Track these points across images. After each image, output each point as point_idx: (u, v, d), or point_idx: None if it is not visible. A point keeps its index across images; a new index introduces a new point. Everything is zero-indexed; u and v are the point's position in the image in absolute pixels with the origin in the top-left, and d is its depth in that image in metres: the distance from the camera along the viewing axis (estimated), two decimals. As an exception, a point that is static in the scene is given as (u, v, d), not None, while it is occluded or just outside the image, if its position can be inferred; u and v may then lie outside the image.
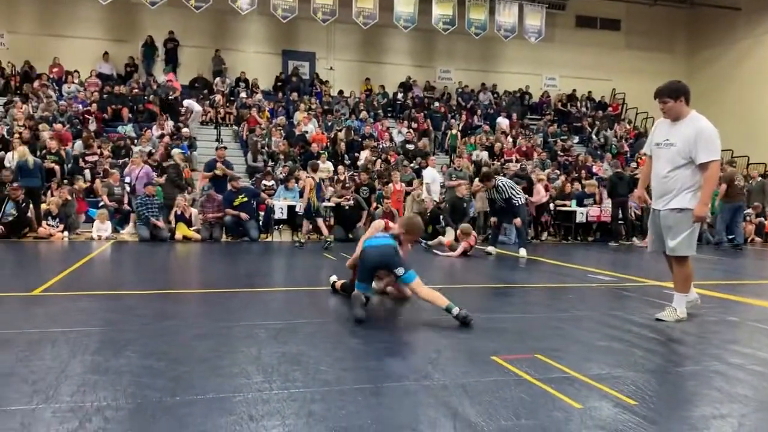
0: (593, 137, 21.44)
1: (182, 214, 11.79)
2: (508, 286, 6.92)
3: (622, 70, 24.30)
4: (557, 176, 15.87)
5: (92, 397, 2.86)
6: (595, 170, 17.67)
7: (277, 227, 12.82)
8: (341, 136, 17.63)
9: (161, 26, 20.44)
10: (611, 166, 14.97)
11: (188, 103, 18.04)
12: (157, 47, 20.69)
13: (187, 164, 13.94)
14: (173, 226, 11.63)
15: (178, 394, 2.93)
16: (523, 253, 9.91)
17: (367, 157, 16.46)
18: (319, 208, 10.96)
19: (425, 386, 3.13)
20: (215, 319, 4.65)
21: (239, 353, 3.68)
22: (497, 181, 10.09)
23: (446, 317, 4.61)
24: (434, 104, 21.40)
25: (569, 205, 13.85)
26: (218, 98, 19.38)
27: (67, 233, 11.18)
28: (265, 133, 17.06)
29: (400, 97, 22.12)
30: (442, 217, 12.28)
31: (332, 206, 12.74)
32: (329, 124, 18.78)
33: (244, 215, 11.64)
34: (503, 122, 20.77)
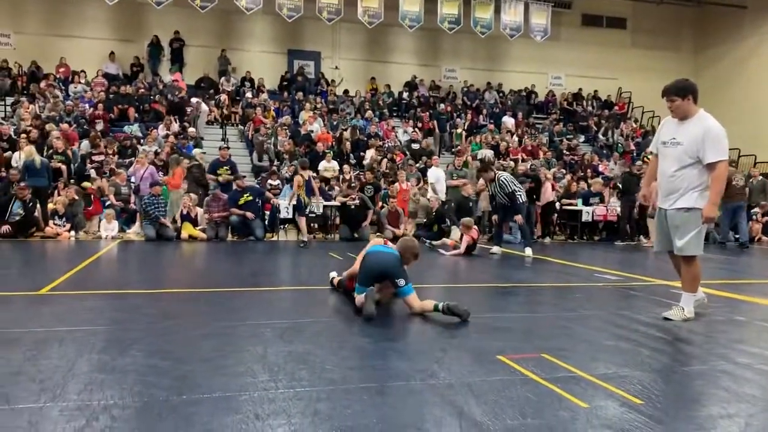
0: (600, 136, 21.36)
1: (188, 213, 11.82)
2: (514, 285, 6.90)
3: (628, 68, 24.21)
4: (563, 175, 15.84)
5: (99, 395, 2.87)
6: (601, 169, 17.62)
7: (282, 226, 12.84)
8: (346, 135, 17.63)
9: (167, 26, 20.49)
10: (620, 165, 14.93)
11: (196, 101, 18.10)
12: (162, 47, 20.74)
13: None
14: (179, 225, 11.66)
15: (184, 392, 2.94)
16: (528, 252, 9.89)
17: (372, 156, 16.45)
18: (308, 205, 11.04)
19: (431, 385, 3.12)
20: (221, 318, 4.66)
21: (245, 352, 3.68)
22: (498, 175, 10.06)
23: (451, 317, 4.61)
24: (440, 105, 21.36)
25: (575, 204, 13.81)
26: (223, 98, 19.42)
27: (73, 232, 11.23)
28: (270, 132, 17.08)
29: (405, 96, 22.11)
30: (447, 216, 12.26)
31: (338, 205, 12.75)
32: (334, 123, 18.78)
33: (249, 214, 11.67)
34: (509, 121, 20.74)
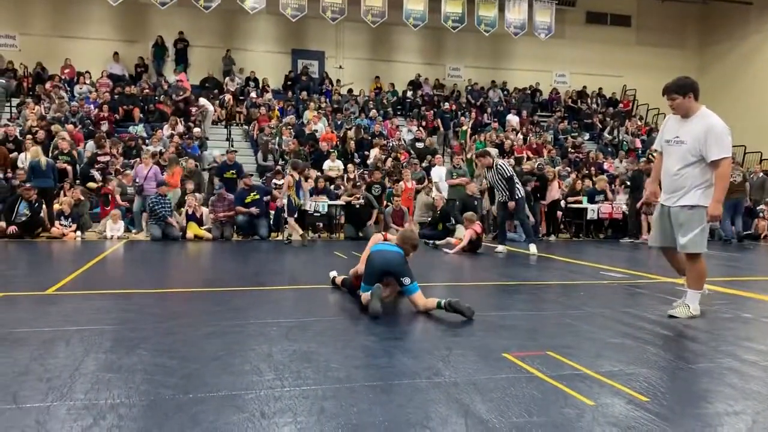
0: (607, 135, 21.26)
1: (193, 213, 11.85)
2: (519, 283, 6.89)
3: (632, 66, 24.15)
4: (568, 173, 15.81)
5: (106, 394, 2.88)
6: (606, 167, 17.58)
7: (287, 226, 12.82)
8: (351, 134, 17.64)
9: (171, 26, 20.56)
10: (628, 162, 14.88)
11: (203, 102, 18.17)
12: (167, 47, 20.81)
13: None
14: (184, 225, 11.69)
15: (190, 391, 2.94)
16: (533, 249, 9.87)
17: (376, 155, 16.46)
18: (299, 205, 11.20)
19: (436, 383, 3.12)
20: (226, 317, 4.67)
21: (251, 351, 3.69)
22: (496, 161, 10.05)
23: (455, 315, 4.61)
24: (444, 104, 21.34)
25: (580, 202, 13.79)
26: (227, 98, 19.45)
27: (79, 233, 11.27)
28: (275, 132, 17.10)
29: (409, 95, 22.10)
30: (452, 215, 12.25)
31: (343, 205, 12.76)
32: (339, 122, 18.79)
33: (254, 209, 11.75)
34: (513, 119, 20.71)
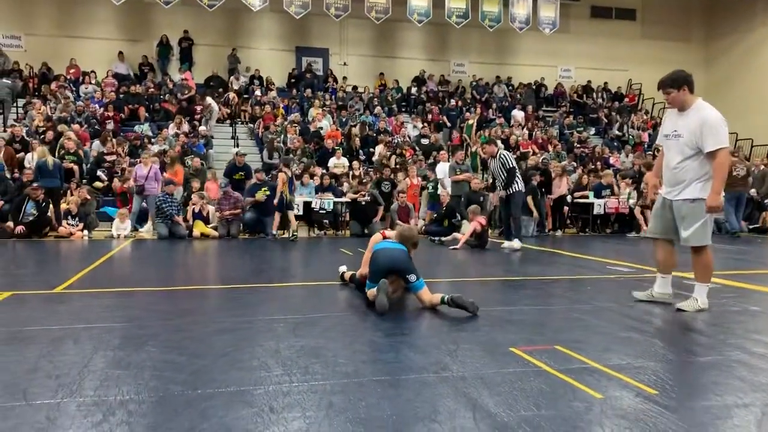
0: (616, 131, 21.11)
1: (200, 211, 11.89)
2: (526, 278, 6.89)
3: (638, 60, 24.03)
4: (574, 168, 15.76)
5: (115, 391, 2.89)
6: (612, 161, 17.52)
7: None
8: (356, 131, 17.63)
9: (175, 25, 20.59)
10: (636, 157, 14.85)
11: (209, 100, 18.20)
12: (171, 46, 20.83)
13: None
14: (191, 223, 11.72)
15: (199, 387, 2.96)
16: (516, 244, 9.67)
17: (381, 152, 16.45)
18: (291, 201, 11.38)
19: (444, 378, 3.13)
20: (234, 314, 4.69)
21: (259, 347, 3.70)
22: (500, 151, 9.98)
23: (461, 311, 4.61)
24: (449, 101, 21.29)
25: (587, 196, 13.75)
26: (232, 96, 19.48)
27: (86, 232, 11.32)
28: (279, 130, 17.12)
29: (414, 91, 22.07)
30: (458, 211, 12.24)
31: (348, 202, 12.77)
32: (343, 119, 18.79)
33: (260, 196, 11.77)
34: (518, 115, 20.66)
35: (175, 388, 2.95)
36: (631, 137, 20.36)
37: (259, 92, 19.84)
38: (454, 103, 21.01)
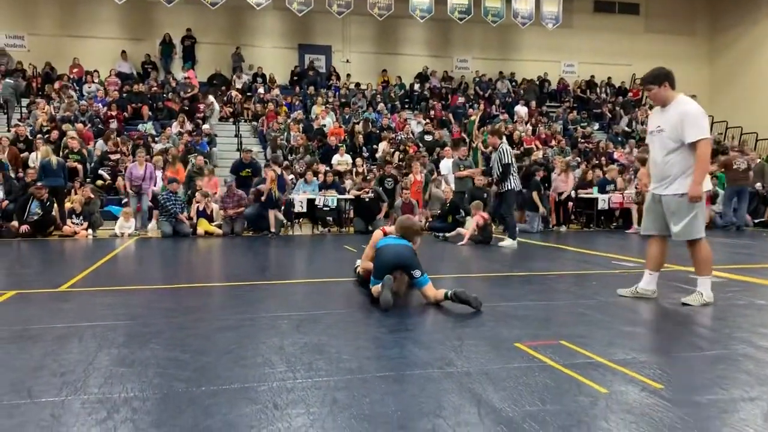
0: (625, 128, 21.00)
1: (204, 209, 11.89)
2: (530, 273, 6.87)
3: (641, 54, 23.86)
4: (577, 164, 15.71)
5: (119, 388, 2.90)
6: (616, 156, 17.46)
7: (297, 220, 12.89)
8: (359, 128, 17.62)
9: (178, 24, 20.60)
10: (642, 151, 14.73)
11: (211, 99, 18.20)
12: (174, 45, 20.84)
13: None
14: (195, 221, 11.73)
15: (203, 384, 2.96)
16: (510, 243, 9.62)
17: (385, 149, 16.44)
18: (279, 199, 11.48)
19: (448, 373, 3.12)
20: (238, 311, 4.69)
21: (262, 344, 3.70)
22: (502, 144, 9.86)
23: (465, 306, 4.60)
24: (458, 98, 21.20)
25: (591, 192, 13.71)
26: (234, 94, 19.47)
27: (91, 231, 11.34)
28: (283, 127, 17.12)
29: (417, 88, 22.03)
30: (461, 207, 12.22)
31: (352, 199, 12.76)
32: (347, 116, 18.77)
33: (263, 187, 11.80)
34: (521, 110, 20.60)
35: (179, 385, 2.95)
36: (635, 132, 20.29)
37: (262, 90, 19.83)
38: (462, 100, 20.92)
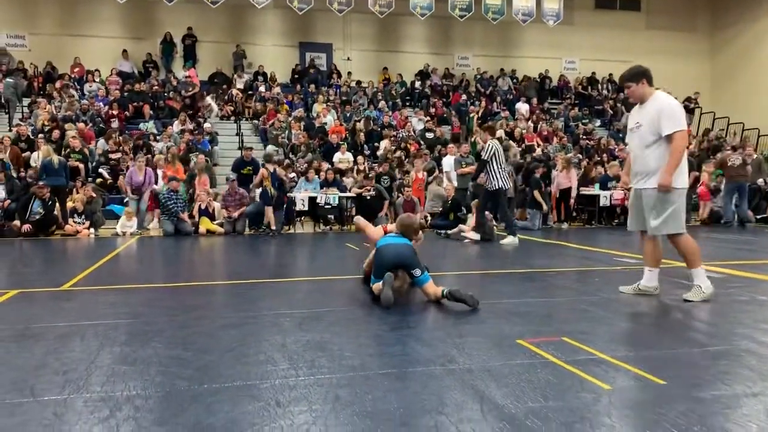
0: (625, 122, 20.99)
1: (206, 208, 11.90)
2: (532, 270, 6.86)
3: (643, 50, 23.71)
4: (579, 161, 15.69)
5: (122, 386, 2.90)
6: (617, 153, 17.44)
7: (298, 219, 12.89)
8: (360, 126, 17.61)
9: (179, 22, 20.59)
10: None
11: (209, 101, 18.21)
12: (175, 44, 20.83)
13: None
14: (197, 220, 11.74)
15: (205, 382, 2.96)
16: (472, 235, 9.68)
17: (386, 146, 16.43)
18: (274, 196, 11.43)
19: (450, 370, 3.12)
20: (240, 309, 4.69)
21: (265, 342, 3.70)
22: (491, 142, 9.63)
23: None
24: (460, 95, 21.16)
25: (592, 189, 13.70)
26: (234, 92, 19.47)
27: (93, 230, 11.35)
28: (284, 126, 17.11)
29: (417, 85, 22.00)
30: (463, 204, 12.21)
31: (353, 196, 12.76)
32: (348, 114, 18.76)
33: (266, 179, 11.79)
34: (523, 107, 20.58)
35: (181, 383, 2.95)
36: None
37: (263, 88, 19.83)
38: (465, 97, 20.88)
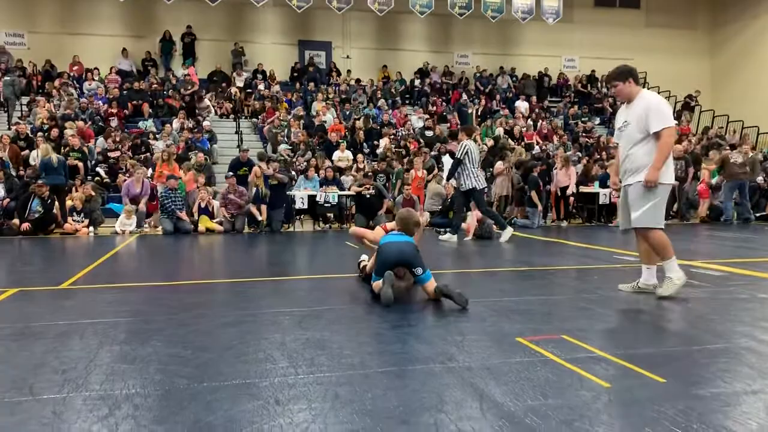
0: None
1: (205, 206, 11.89)
2: (532, 268, 6.86)
3: (643, 48, 23.79)
4: (578, 159, 15.69)
5: (121, 385, 2.89)
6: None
7: (298, 217, 12.88)
8: (359, 124, 17.60)
9: (178, 21, 20.58)
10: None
11: (206, 102, 18.22)
12: (174, 42, 20.81)
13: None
14: (196, 218, 11.74)
15: (205, 380, 2.95)
16: (447, 237, 9.72)
17: (386, 145, 16.42)
18: (265, 195, 11.56)
19: (450, 368, 3.11)
20: (239, 307, 4.68)
21: (264, 340, 3.69)
22: (465, 142, 9.47)
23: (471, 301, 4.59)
24: (461, 95, 21.15)
25: (591, 187, 13.69)
26: (234, 90, 19.46)
27: (92, 228, 11.35)
28: (283, 124, 17.10)
29: (417, 83, 21.99)
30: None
31: (353, 195, 12.76)
32: (347, 113, 18.75)
33: (270, 173, 11.86)
34: (522, 105, 20.57)
35: (180, 381, 2.95)
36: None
37: (262, 86, 19.81)
38: (466, 96, 20.87)
